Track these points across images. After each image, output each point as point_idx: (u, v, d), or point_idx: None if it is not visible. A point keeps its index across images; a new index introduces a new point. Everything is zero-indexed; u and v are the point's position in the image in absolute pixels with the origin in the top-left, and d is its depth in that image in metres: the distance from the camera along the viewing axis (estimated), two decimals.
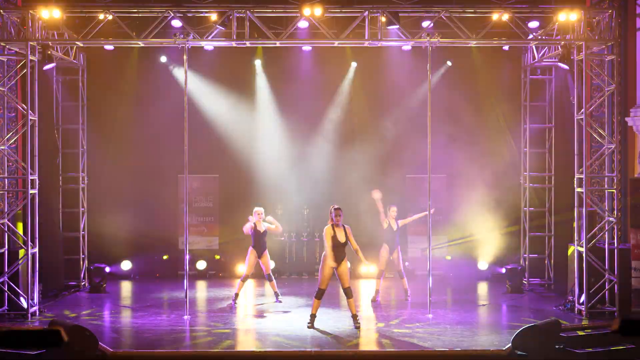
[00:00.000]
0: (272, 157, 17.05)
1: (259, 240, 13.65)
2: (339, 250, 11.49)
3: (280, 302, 13.70)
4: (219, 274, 16.96)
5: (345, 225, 11.58)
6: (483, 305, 14.02)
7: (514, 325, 11.43)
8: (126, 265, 16.69)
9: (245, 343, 11.08)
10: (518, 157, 16.58)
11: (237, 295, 13.65)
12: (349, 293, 11.52)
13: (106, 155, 16.64)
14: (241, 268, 14.80)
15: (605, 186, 13.87)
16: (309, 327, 11.48)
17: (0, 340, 3.58)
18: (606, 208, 13.54)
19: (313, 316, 11.63)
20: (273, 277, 13.88)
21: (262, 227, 13.66)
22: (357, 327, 11.48)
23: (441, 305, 13.56)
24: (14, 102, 13.37)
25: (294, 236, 17.04)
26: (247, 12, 13.03)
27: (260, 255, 13.67)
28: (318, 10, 12.85)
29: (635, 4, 13.45)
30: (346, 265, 11.58)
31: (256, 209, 13.77)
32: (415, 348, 10.33)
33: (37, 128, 12.99)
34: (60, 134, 16.10)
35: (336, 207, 11.56)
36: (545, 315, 12.35)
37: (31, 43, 12.81)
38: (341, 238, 11.49)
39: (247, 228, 13.63)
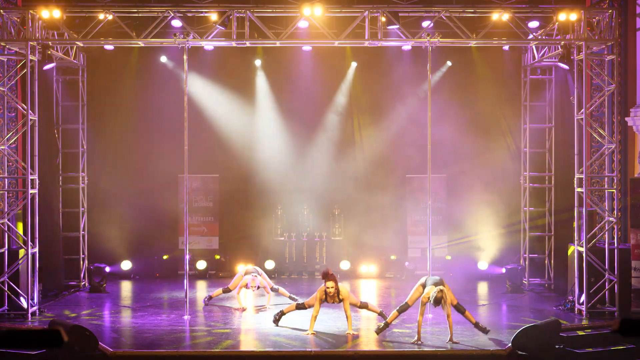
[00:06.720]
0: (272, 157, 17.02)
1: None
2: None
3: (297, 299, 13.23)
4: (219, 273, 16.94)
5: (342, 289, 11.11)
6: (483, 305, 14.01)
7: (514, 325, 11.43)
8: (126, 265, 16.67)
9: (245, 343, 11.07)
10: (518, 157, 16.57)
11: (210, 297, 13.43)
12: (364, 307, 11.50)
13: (106, 155, 16.64)
14: (240, 267, 14.64)
15: (605, 186, 13.87)
16: (274, 322, 11.48)
17: (0, 340, 3.57)
18: (606, 208, 13.53)
19: (282, 313, 11.58)
20: (278, 287, 13.54)
21: (254, 286, 13.01)
22: (384, 325, 11.14)
23: None
24: (14, 102, 13.36)
25: (294, 236, 17.02)
26: (247, 12, 13.03)
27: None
28: (318, 10, 12.84)
29: (635, 4, 13.45)
30: (346, 290, 11.28)
31: (249, 268, 13.24)
32: (415, 348, 10.33)
33: (37, 128, 12.99)
34: (60, 134, 16.09)
35: (324, 272, 11.18)
36: (545, 315, 12.36)
37: (31, 43, 12.80)
38: (333, 301, 11.20)
39: (236, 285, 13.14)
